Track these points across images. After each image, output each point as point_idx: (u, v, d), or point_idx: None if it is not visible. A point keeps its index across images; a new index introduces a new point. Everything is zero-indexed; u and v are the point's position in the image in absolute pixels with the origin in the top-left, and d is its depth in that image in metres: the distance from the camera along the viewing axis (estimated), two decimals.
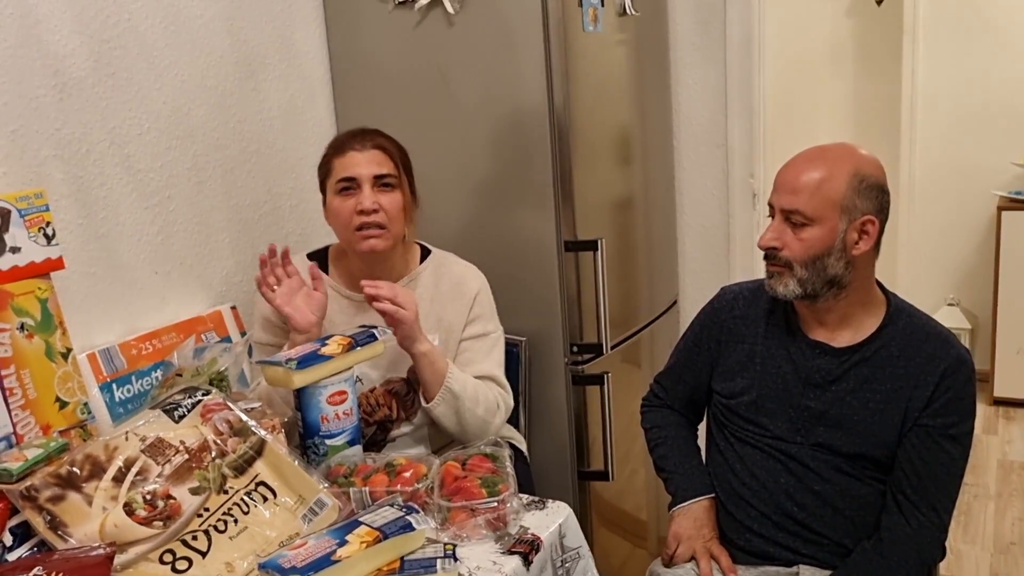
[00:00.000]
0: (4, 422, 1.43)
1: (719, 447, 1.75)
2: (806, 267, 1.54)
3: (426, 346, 1.74)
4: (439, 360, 1.75)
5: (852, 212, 1.51)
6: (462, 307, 1.85)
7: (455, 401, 1.75)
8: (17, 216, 1.51)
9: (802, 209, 1.51)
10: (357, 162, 1.76)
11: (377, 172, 1.75)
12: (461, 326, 1.85)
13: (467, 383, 1.77)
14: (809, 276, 1.54)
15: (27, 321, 1.50)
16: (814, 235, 1.52)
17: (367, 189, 1.74)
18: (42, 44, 1.63)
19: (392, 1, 2.16)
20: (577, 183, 2.12)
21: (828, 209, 1.51)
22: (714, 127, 2.69)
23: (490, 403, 1.81)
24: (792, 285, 1.56)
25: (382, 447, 1.84)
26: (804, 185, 1.51)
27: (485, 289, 1.90)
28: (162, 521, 1.32)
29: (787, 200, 1.53)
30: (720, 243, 2.74)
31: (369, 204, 1.73)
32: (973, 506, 3.24)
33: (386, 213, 1.75)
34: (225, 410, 1.50)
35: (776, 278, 1.59)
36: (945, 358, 1.53)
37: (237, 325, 1.98)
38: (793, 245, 1.54)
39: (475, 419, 1.78)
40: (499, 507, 1.45)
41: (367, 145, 1.77)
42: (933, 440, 1.53)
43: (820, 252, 1.53)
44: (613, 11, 2.27)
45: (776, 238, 1.56)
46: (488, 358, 1.86)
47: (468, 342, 1.86)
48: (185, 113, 1.93)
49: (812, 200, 1.51)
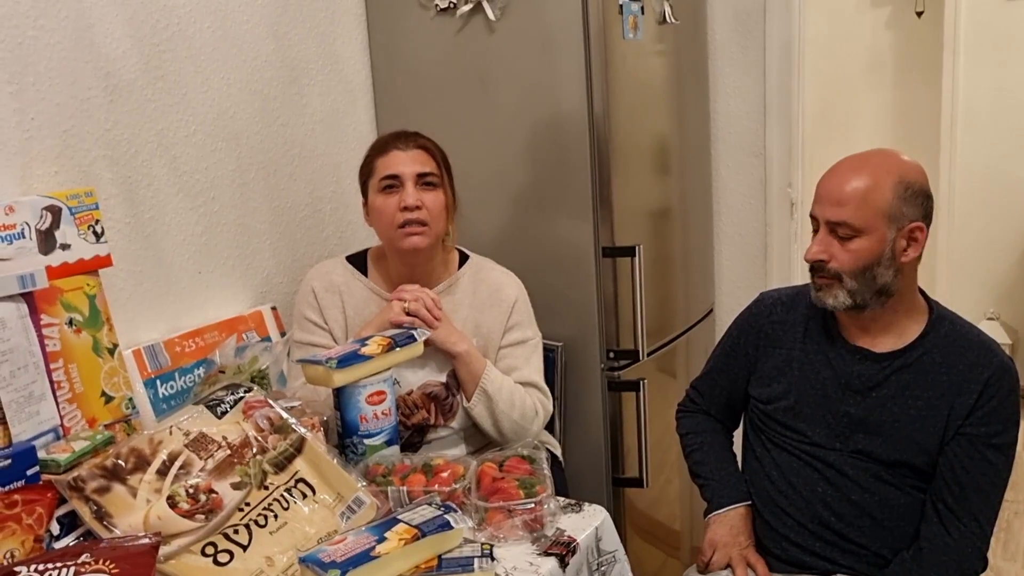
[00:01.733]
0: (52, 414, 1.46)
1: (755, 453, 1.74)
2: (855, 278, 1.51)
3: (462, 346, 1.76)
4: (475, 361, 1.77)
5: (900, 220, 1.49)
6: (500, 314, 1.86)
7: (490, 403, 1.77)
8: (68, 214, 1.55)
9: (849, 220, 1.49)
10: (401, 160, 1.78)
11: (420, 170, 1.78)
12: (499, 333, 1.87)
13: (503, 386, 1.79)
14: (859, 287, 1.52)
15: (75, 317, 1.54)
16: (863, 246, 1.50)
17: (410, 187, 1.76)
18: (94, 47, 1.67)
19: (434, 8, 2.19)
20: (615, 190, 2.13)
21: (876, 219, 1.49)
22: (752, 136, 2.68)
23: (527, 409, 1.81)
24: (842, 296, 1.53)
25: (419, 450, 1.85)
26: (850, 196, 1.49)
27: (523, 296, 1.90)
28: (204, 514, 1.34)
29: (832, 212, 1.51)
30: (757, 252, 2.73)
31: (412, 200, 1.75)
32: (1014, 523, 3.18)
33: (428, 211, 1.76)
34: (266, 407, 1.51)
35: (825, 290, 1.56)
36: (989, 366, 1.52)
37: (277, 325, 2.00)
38: (841, 256, 1.51)
39: (510, 423, 1.79)
40: (536, 508, 1.45)
41: (410, 145, 1.80)
42: (976, 449, 1.51)
43: (869, 262, 1.50)
44: (653, 19, 2.27)
45: (823, 250, 1.53)
46: (528, 364, 1.87)
47: (508, 349, 1.87)
48: (230, 116, 1.97)
49: (859, 211, 1.48)
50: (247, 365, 1.68)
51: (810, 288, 1.61)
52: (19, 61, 1.55)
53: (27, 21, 1.56)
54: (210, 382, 1.65)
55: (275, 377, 1.73)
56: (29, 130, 1.57)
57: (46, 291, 1.48)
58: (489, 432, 1.81)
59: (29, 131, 1.57)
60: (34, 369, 1.44)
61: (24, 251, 1.48)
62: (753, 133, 2.68)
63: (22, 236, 1.48)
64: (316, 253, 2.21)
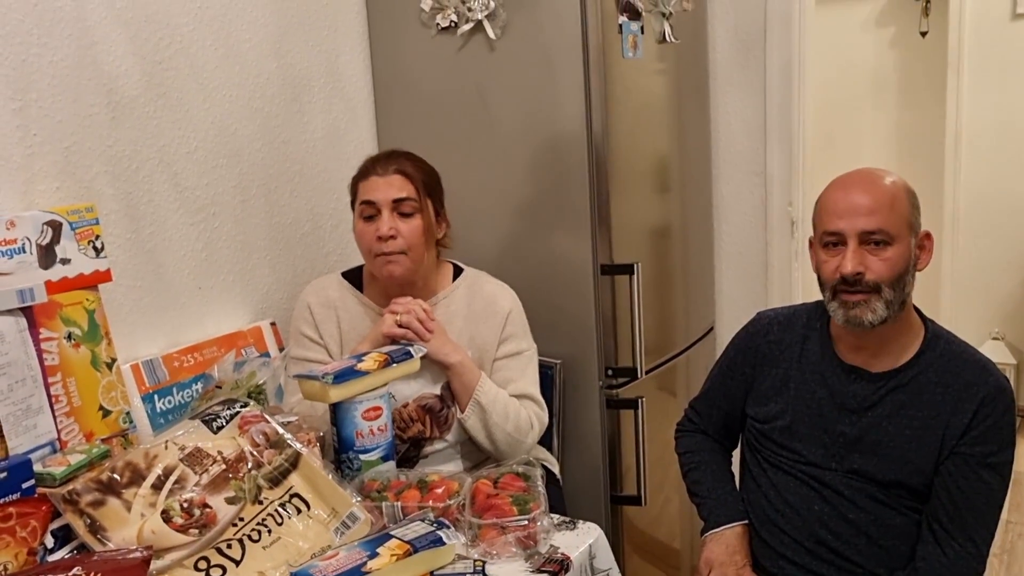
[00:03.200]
0: (49, 428, 1.47)
1: (752, 473, 1.74)
2: (892, 288, 1.50)
3: (456, 357, 1.78)
4: (469, 372, 1.78)
5: (916, 228, 1.53)
6: (494, 326, 1.87)
7: (483, 414, 1.78)
8: (68, 229, 1.56)
9: (884, 227, 1.49)
10: (377, 186, 1.78)
11: (396, 196, 1.77)
12: (494, 345, 1.87)
13: (497, 397, 1.79)
14: (894, 297, 1.51)
15: (74, 331, 1.55)
16: (897, 253, 1.50)
17: (386, 214, 1.77)
18: (97, 64, 1.69)
19: (435, 27, 2.21)
20: (614, 208, 2.13)
21: (903, 226, 1.51)
22: (753, 155, 2.69)
23: (521, 421, 1.82)
24: (880, 309, 1.51)
25: (415, 464, 1.85)
26: (879, 204, 1.49)
27: (517, 307, 1.91)
28: (198, 529, 1.34)
29: (865, 222, 1.49)
30: (758, 271, 2.73)
31: (386, 230, 1.75)
32: (1017, 545, 3.16)
33: (404, 239, 1.76)
34: (262, 422, 1.52)
35: (861, 307, 1.52)
36: (984, 385, 1.51)
37: (276, 341, 2.01)
38: (877, 267, 1.50)
39: (504, 435, 1.79)
40: (529, 525, 1.45)
41: (389, 170, 1.79)
42: (971, 469, 1.50)
43: (902, 270, 1.51)
44: (653, 39, 2.29)
45: (860, 263, 1.51)
46: (524, 376, 1.88)
47: (503, 361, 1.87)
48: (232, 133, 1.99)
49: (891, 217, 1.49)
50: (245, 380, 1.69)
51: (832, 308, 1.57)
52: (23, 78, 1.57)
53: (31, 39, 1.58)
54: (207, 398, 1.66)
55: (272, 392, 1.73)
56: (32, 146, 1.59)
57: (45, 305, 1.49)
58: (483, 444, 1.81)
59: (32, 147, 1.59)
60: (32, 383, 1.45)
61: (24, 266, 1.49)
62: (754, 152, 2.69)
63: (23, 251, 1.49)
64: (316, 269, 2.22)
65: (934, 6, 4.38)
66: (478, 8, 2.13)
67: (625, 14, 2.13)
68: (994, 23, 4.12)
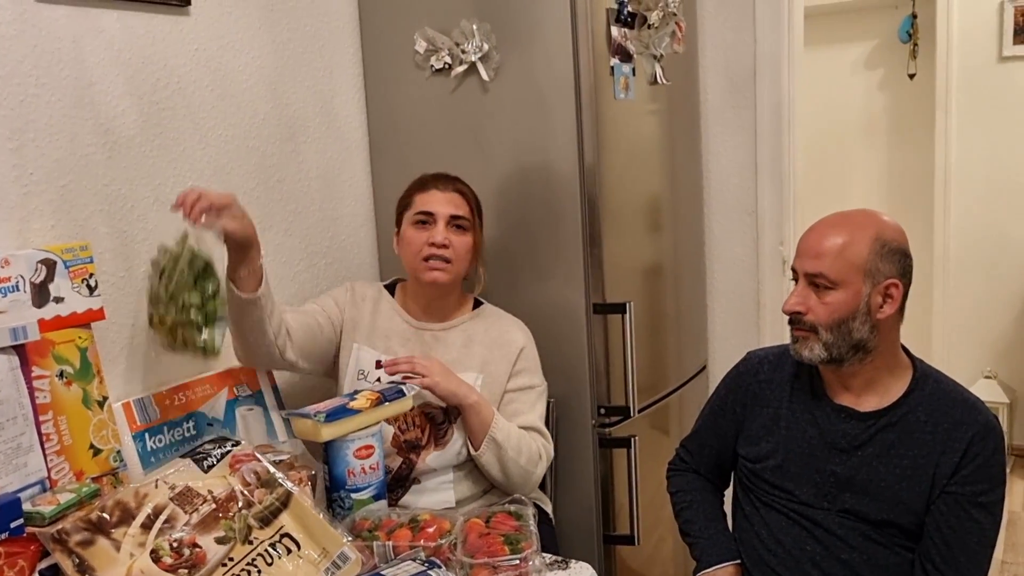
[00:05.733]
0: (39, 466, 1.47)
1: (745, 512, 1.73)
2: (831, 331, 1.54)
3: (473, 397, 1.81)
4: (484, 410, 1.82)
5: (876, 276, 1.52)
6: (507, 356, 1.93)
7: (499, 450, 1.81)
8: (62, 267, 1.57)
9: (826, 272, 1.53)
10: (437, 200, 1.90)
11: (454, 212, 1.90)
12: (505, 376, 1.92)
13: (511, 433, 1.83)
14: (835, 340, 1.55)
15: (66, 369, 1.55)
16: (838, 299, 1.53)
17: (441, 225, 1.88)
18: (95, 105, 1.71)
19: (430, 69, 2.24)
20: (607, 248, 2.15)
21: (852, 273, 1.52)
22: (744, 195, 2.72)
23: (532, 453, 1.86)
24: (818, 349, 1.56)
25: (408, 484, 1.86)
26: (827, 249, 1.53)
27: (530, 344, 1.98)
28: (187, 569, 1.33)
29: (811, 264, 1.55)
30: (750, 309, 2.74)
31: (440, 238, 1.87)
32: None
33: (454, 250, 1.88)
34: (253, 461, 1.52)
35: (801, 342, 1.59)
36: (973, 424, 1.52)
37: (269, 380, 2.01)
38: (818, 309, 1.55)
39: (518, 468, 1.84)
40: (521, 565, 1.45)
41: (449, 187, 1.92)
42: (962, 508, 1.51)
43: (845, 316, 1.53)
44: (644, 80, 2.32)
45: (801, 302, 1.57)
46: (533, 410, 1.94)
47: (514, 393, 1.93)
48: (227, 172, 2.00)
49: (835, 264, 1.52)
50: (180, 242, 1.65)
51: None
52: (20, 118, 1.59)
53: (29, 80, 1.60)
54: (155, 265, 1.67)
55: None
56: (28, 185, 1.60)
57: (38, 343, 1.49)
58: (496, 478, 1.85)
59: (28, 186, 1.60)
60: (23, 421, 1.45)
61: (18, 304, 1.49)
62: (745, 192, 2.72)
63: (16, 289, 1.49)
64: None
65: (922, 49, 4.46)
66: (472, 50, 2.16)
67: (617, 56, 2.17)
68: (981, 65, 4.19)
